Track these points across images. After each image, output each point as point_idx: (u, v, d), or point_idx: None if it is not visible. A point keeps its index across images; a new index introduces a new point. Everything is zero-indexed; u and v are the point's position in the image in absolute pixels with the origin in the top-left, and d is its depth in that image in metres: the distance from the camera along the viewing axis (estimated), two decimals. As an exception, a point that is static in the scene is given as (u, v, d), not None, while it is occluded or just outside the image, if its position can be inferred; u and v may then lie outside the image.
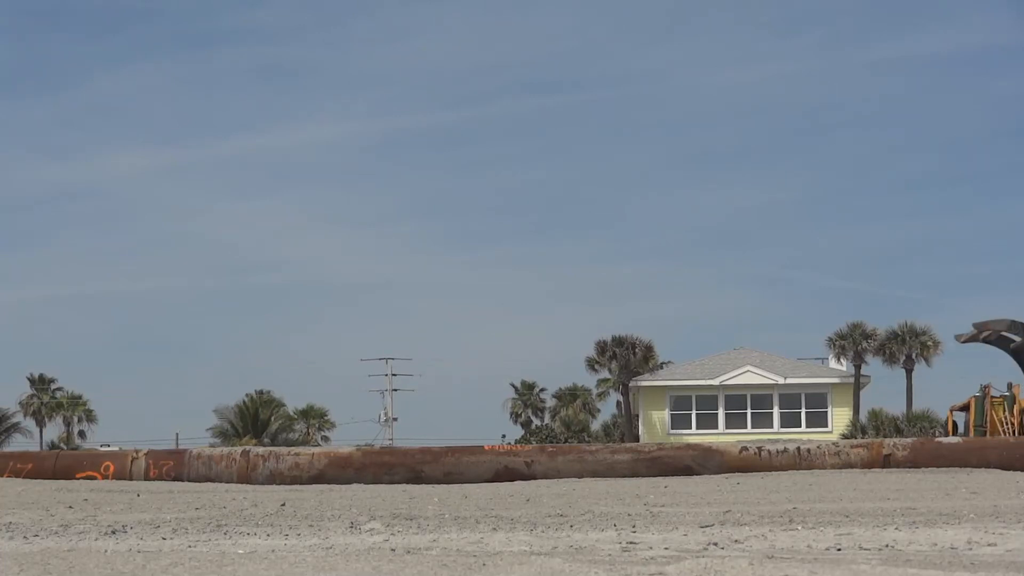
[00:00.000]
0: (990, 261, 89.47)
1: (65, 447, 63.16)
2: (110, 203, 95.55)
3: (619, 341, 49.98)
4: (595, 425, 61.84)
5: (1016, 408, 23.55)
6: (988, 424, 23.87)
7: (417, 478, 16.20)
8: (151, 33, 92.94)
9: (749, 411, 47.80)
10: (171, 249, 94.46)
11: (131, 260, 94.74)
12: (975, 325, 24.93)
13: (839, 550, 7.16)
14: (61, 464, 17.19)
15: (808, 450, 16.25)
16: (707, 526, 8.68)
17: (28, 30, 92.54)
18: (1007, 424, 23.37)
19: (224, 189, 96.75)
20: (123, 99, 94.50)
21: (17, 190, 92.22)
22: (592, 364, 51.27)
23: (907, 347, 48.49)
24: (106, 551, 7.35)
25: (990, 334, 24.74)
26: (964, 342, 25.38)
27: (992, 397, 24.50)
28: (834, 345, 48.90)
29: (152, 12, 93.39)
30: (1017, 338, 24.33)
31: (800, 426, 47.27)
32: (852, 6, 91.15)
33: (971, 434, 24.27)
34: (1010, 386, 24.44)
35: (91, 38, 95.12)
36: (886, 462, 15.96)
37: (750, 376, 48.05)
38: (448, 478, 16.18)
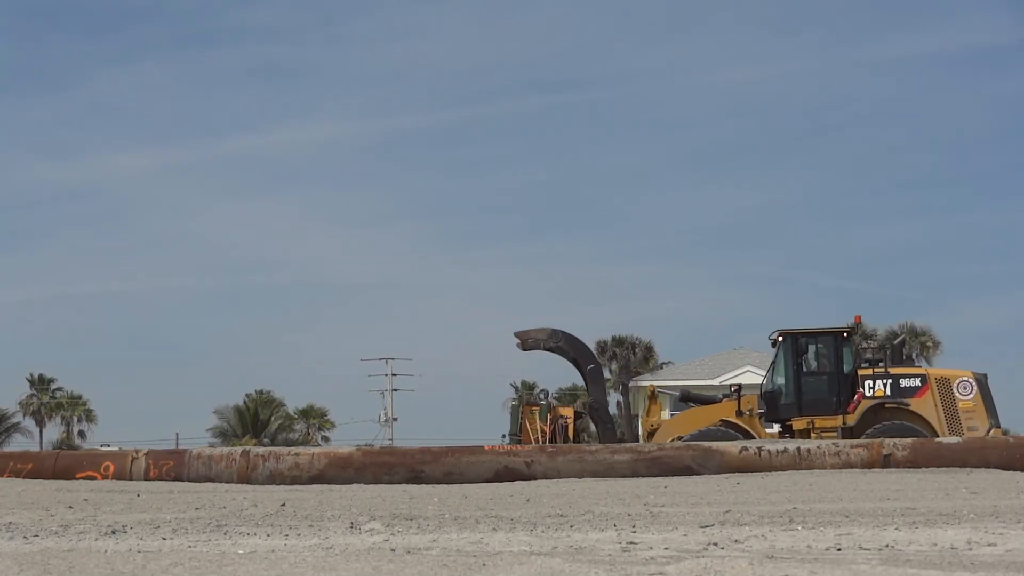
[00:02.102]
0: (990, 261, 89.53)
1: (67, 447, 63.18)
2: (110, 203, 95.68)
3: (619, 341, 50.08)
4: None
5: (550, 417, 23.35)
6: (522, 432, 23.77)
7: (417, 478, 16.20)
8: (151, 32, 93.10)
9: (749, 411, 47.77)
10: (171, 249, 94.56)
11: (131, 260, 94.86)
12: (516, 334, 24.47)
13: (839, 550, 7.16)
14: (61, 464, 17.18)
15: (808, 450, 16.25)
16: (707, 526, 8.68)
17: (28, 30, 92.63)
18: (539, 433, 23.25)
19: (224, 189, 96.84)
20: (123, 99, 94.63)
21: (17, 190, 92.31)
22: (592, 364, 51.28)
23: (907, 347, 48.56)
24: (106, 551, 7.35)
25: (540, 343, 24.35)
26: (525, 351, 25.04)
27: (528, 406, 24.32)
28: (834, 345, 48.91)
29: (152, 11, 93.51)
30: (561, 347, 24.03)
31: (800, 426, 47.25)
32: (852, 5, 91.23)
33: (507, 442, 24.14)
34: (546, 395, 24.22)
35: (91, 37, 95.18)
36: (886, 462, 15.96)
37: (750, 376, 48.01)
38: (448, 478, 16.18)
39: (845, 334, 22.56)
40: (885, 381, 21.93)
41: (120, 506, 11.63)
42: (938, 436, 20.51)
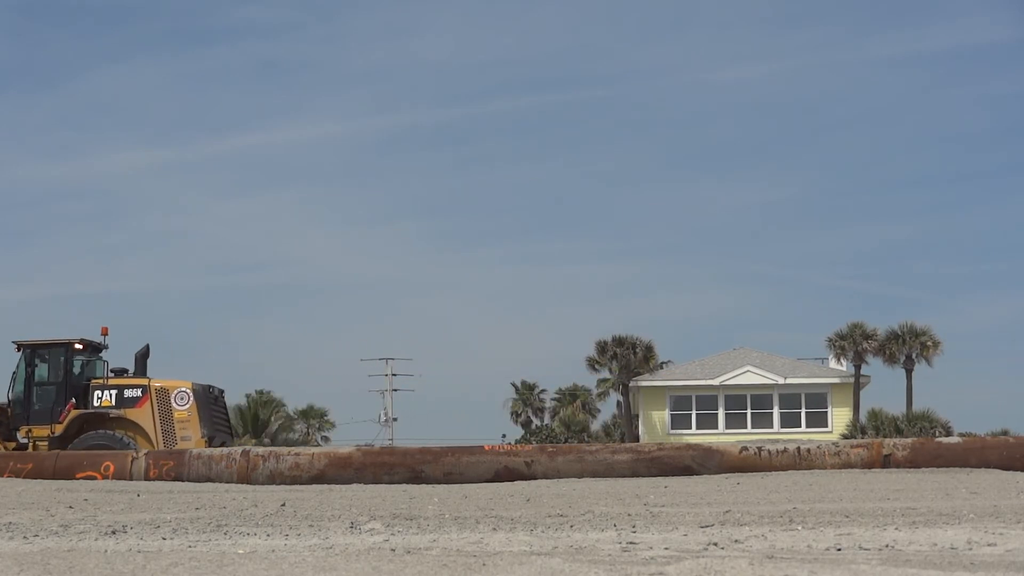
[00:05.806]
0: (990, 261, 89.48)
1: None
2: (108, 202, 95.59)
3: (619, 341, 49.98)
4: (595, 425, 61.88)
5: None
6: None
7: (417, 478, 16.21)
8: (149, 30, 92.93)
9: (749, 411, 47.84)
10: (170, 249, 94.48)
11: (130, 259, 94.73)
12: None
13: (839, 550, 7.16)
14: (61, 464, 17.19)
15: (808, 450, 16.26)
16: (707, 526, 8.69)
17: (23, 27, 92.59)
18: None
19: (223, 187, 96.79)
20: (121, 96, 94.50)
21: (16, 189, 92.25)
22: (592, 364, 51.28)
23: (907, 347, 48.50)
24: (106, 551, 7.35)
25: None
26: None
27: None
28: (834, 345, 48.92)
29: (150, 8, 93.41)
30: None
31: (800, 426, 47.32)
32: (852, 4, 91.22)
33: None
34: None
35: (89, 35, 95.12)
36: (886, 462, 15.97)
37: (750, 376, 48.07)
38: (448, 478, 16.19)
39: (78, 345, 22.94)
40: (111, 392, 22.54)
41: (120, 506, 11.63)
42: (154, 446, 21.24)
